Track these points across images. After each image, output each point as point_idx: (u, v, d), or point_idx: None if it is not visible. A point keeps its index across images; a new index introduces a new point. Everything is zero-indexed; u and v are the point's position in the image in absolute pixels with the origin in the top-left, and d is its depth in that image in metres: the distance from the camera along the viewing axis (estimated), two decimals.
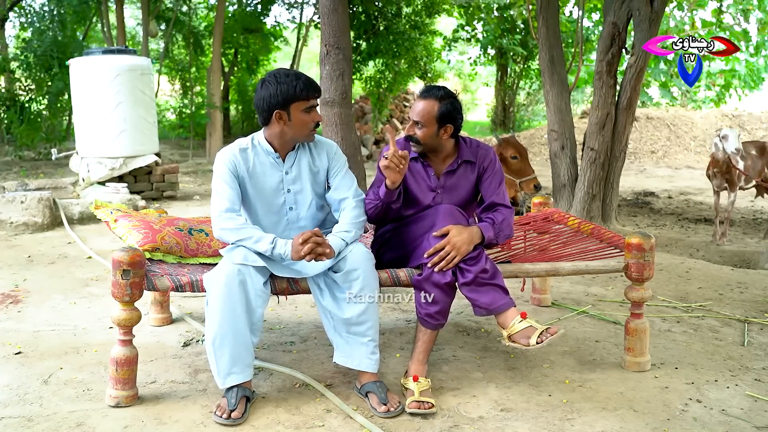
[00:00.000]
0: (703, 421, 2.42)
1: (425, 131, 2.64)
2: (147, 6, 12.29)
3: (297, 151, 2.65)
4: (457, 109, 2.66)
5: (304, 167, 2.64)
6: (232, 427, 2.33)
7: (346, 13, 4.55)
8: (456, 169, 2.73)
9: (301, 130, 2.55)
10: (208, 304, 2.43)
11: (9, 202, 5.58)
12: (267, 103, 2.50)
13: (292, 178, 2.63)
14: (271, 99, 2.49)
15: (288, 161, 2.63)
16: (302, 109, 2.51)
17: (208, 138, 12.43)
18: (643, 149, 14.12)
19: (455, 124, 2.66)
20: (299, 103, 2.50)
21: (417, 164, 2.74)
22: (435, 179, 2.73)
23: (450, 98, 2.66)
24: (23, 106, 12.04)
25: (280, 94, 2.47)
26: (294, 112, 2.51)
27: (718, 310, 3.70)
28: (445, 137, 2.67)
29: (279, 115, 2.51)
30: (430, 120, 2.63)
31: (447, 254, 2.46)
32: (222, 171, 2.56)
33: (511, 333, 2.41)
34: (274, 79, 2.50)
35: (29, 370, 2.78)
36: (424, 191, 2.73)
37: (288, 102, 2.49)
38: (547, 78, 6.69)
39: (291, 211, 2.65)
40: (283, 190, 2.63)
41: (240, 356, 2.39)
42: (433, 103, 2.63)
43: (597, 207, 6.35)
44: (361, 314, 2.47)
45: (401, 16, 13.33)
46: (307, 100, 2.51)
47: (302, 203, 2.65)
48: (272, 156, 2.62)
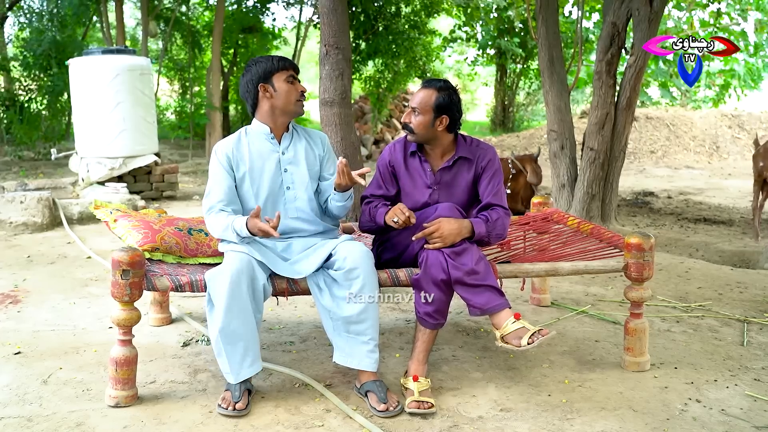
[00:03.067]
0: (702, 421, 2.42)
1: (421, 119, 2.66)
2: (146, 6, 12.29)
3: (292, 134, 2.73)
4: (454, 102, 2.67)
5: (300, 150, 2.72)
6: (237, 418, 2.36)
7: (345, 13, 4.55)
8: (452, 165, 2.73)
9: (288, 100, 2.64)
10: (211, 303, 2.44)
11: (8, 202, 5.57)
12: (251, 83, 2.63)
13: (289, 158, 2.70)
14: (253, 77, 2.63)
15: (284, 142, 2.71)
16: (284, 78, 2.63)
17: (208, 138, 12.43)
18: (643, 149, 14.13)
19: (451, 116, 2.67)
20: (279, 73, 2.63)
21: (414, 159, 2.75)
22: (431, 175, 2.73)
23: (449, 90, 2.68)
24: (22, 105, 12.04)
25: (259, 70, 2.63)
26: (277, 83, 2.62)
27: (718, 310, 3.70)
28: (441, 128, 2.67)
29: (264, 88, 2.63)
30: (426, 108, 2.65)
31: (432, 239, 2.50)
32: (214, 166, 2.67)
33: (504, 334, 2.42)
34: (252, 62, 2.67)
35: (29, 370, 2.78)
36: (420, 188, 2.74)
37: (269, 75, 2.62)
38: (546, 78, 6.69)
39: (288, 190, 2.69)
40: (281, 169, 2.68)
41: (251, 349, 2.44)
42: (431, 92, 2.66)
43: (596, 207, 6.35)
44: (360, 313, 2.48)
45: (400, 16, 13.33)
46: (286, 70, 2.63)
47: (299, 183, 2.70)
48: (268, 137, 2.69)
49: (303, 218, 2.69)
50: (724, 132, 14.66)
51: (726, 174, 12.37)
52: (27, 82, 12.50)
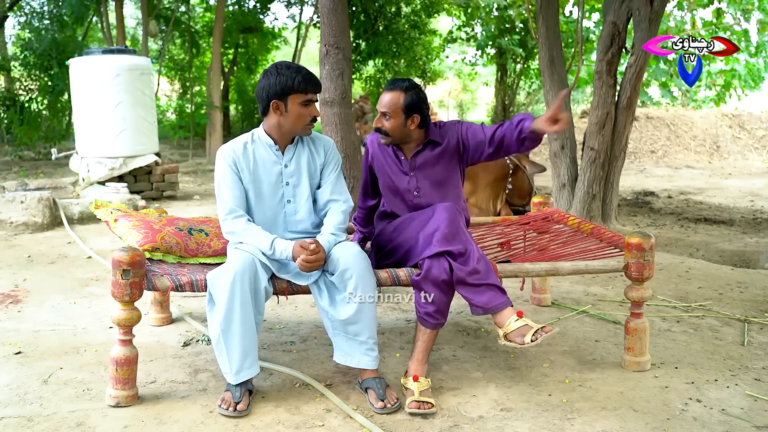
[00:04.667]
0: (703, 420, 2.42)
1: (393, 122, 2.71)
2: (147, 6, 12.29)
3: (296, 145, 2.68)
4: (422, 99, 2.74)
5: (303, 162, 2.68)
6: (237, 419, 2.36)
7: (345, 13, 4.55)
8: (423, 149, 2.79)
9: (297, 123, 2.58)
10: (212, 302, 2.45)
11: (9, 201, 5.57)
12: (266, 93, 2.55)
13: (291, 171, 2.66)
14: (269, 89, 2.54)
15: (287, 154, 2.67)
16: (299, 102, 2.54)
17: (208, 138, 12.43)
18: (643, 149, 14.11)
19: (422, 113, 2.72)
20: (296, 95, 2.53)
21: (389, 150, 2.84)
22: (406, 162, 2.81)
23: (415, 89, 2.73)
24: (23, 105, 12.05)
25: (278, 84, 2.52)
26: (291, 104, 2.54)
27: (718, 310, 3.70)
28: (413, 127, 2.74)
29: (276, 105, 2.55)
30: (396, 111, 2.69)
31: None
32: (223, 170, 2.60)
33: (507, 332, 2.42)
34: (275, 69, 2.55)
35: (29, 370, 2.78)
36: (398, 176, 2.82)
37: (285, 93, 2.53)
38: (546, 78, 6.68)
39: (289, 204, 2.67)
40: (282, 182, 2.66)
41: (251, 350, 2.43)
42: (399, 94, 2.69)
43: (597, 207, 6.34)
44: (355, 314, 2.49)
45: (401, 16, 13.33)
46: (305, 93, 2.54)
47: (300, 197, 2.67)
48: (272, 149, 2.65)
49: (303, 231, 2.68)
50: (725, 132, 14.65)
51: (726, 174, 12.36)
52: (27, 82, 12.50)
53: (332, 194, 2.68)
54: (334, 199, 2.68)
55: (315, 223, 2.71)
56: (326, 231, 2.59)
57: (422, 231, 2.57)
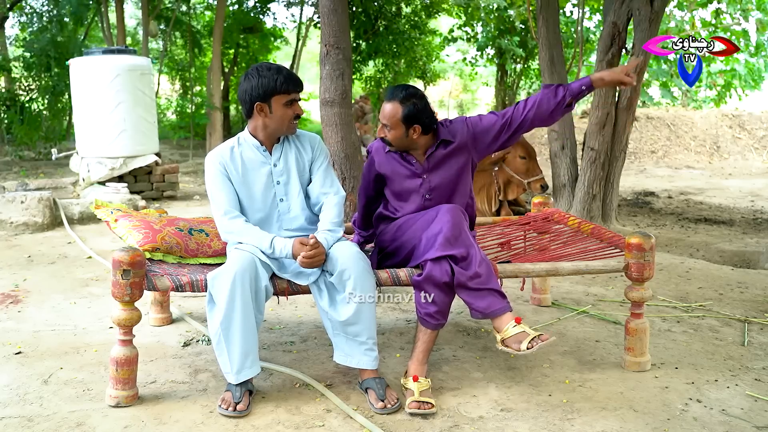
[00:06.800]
0: (703, 421, 2.42)
1: (394, 133, 2.69)
2: (147, 6, 12.29)
3: (282, 144, 2.69)
4: (421, 109, 2.66)
5: (291, 160, 2.68)
6: (237, 419, 2.36)
7: (346, 13, 4.55)
8: (435, 150, 2.75)
9: (282, 123, 2.60)
10: (212, 302, 2.45)
11: (9, 202, 5.57)
12: (249, 96, 2.56)
13: (281, 170, 2.67)
14: (252, 91, 2.55)
15: (275, 154, 2.68)
16: (283, 102, 2.56)
17: (208, 138, 12.43)
18: (643, 149, 14.11)
19: (422, 122, 2.67)
20: (280, 96, 2.55)
21: (396, 155, 2.79)
22: (418, 164, 2.77)
23: (413, 98, 2.66)
24: (23, 105, 12.04)
25: (261, 86, 2.53)
26: (275, 105, 2.56)
27: (718, 310, 3.70)
28: (416, 136, 2.70)
29: (260, 107, 2.57)
30: (396, 123, 2.67)
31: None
32: (213, 175, 2.61)
33: (504, 337, 2.43)
34: (256, 72, 2.56)
35: (29, 370, 2.78)
36: (410, 179, 2.77)
37: (269, 95, 2.54)
38: (547, 78, 6.68)
39: (282, 202, 2.68)
40: (273, 182, 2.67)
41: (251, 350, 2.44)
42: (396, 106, 2.66)
43: (597, 207, 6.35)
44: (354, 314, 2.49)
45: (401, 16, 13.34)
46: (287, 93, 2.56)
47: (292, 194, 2.68)
48: (259, 150, 2.66)
49: (299, 228, 2.68)
50: (725, 132, 14.65)
51: (727, 174, 12.35)
52: (28, 83, 12.49)
53: (323, 187, 2.68)
54: (325, 191, 2.68)
55: (309, 219, 2.72)
56: (322, 228, 2.59)
57: (425, 232, 2.57)
